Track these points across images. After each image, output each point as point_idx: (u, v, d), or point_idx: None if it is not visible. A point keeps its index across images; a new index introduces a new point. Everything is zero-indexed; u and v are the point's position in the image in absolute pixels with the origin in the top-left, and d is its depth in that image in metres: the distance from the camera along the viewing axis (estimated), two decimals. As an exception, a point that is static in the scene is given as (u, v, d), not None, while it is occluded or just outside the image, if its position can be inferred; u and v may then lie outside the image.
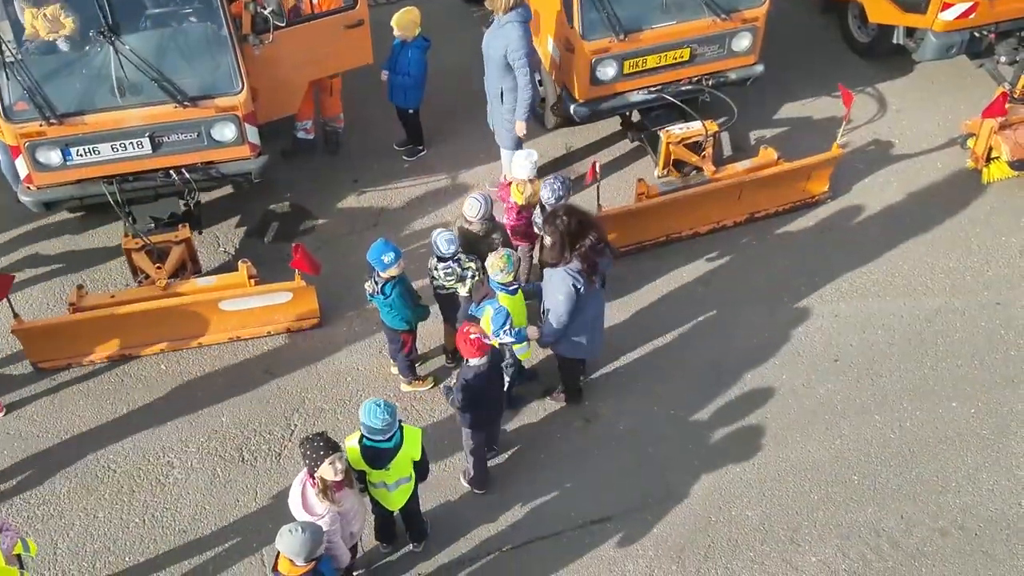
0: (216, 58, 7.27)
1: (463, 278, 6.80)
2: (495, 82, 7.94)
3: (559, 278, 6.23)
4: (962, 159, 8.88)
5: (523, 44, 7.56)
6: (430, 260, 6.84)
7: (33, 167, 7.19)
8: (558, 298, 6.25)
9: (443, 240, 6.63)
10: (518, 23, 7.57)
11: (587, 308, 6.42)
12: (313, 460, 5.20)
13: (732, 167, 8.25)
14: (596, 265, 6.23)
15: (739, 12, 8.09)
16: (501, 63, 7.72)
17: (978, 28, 8.81)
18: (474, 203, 6.85)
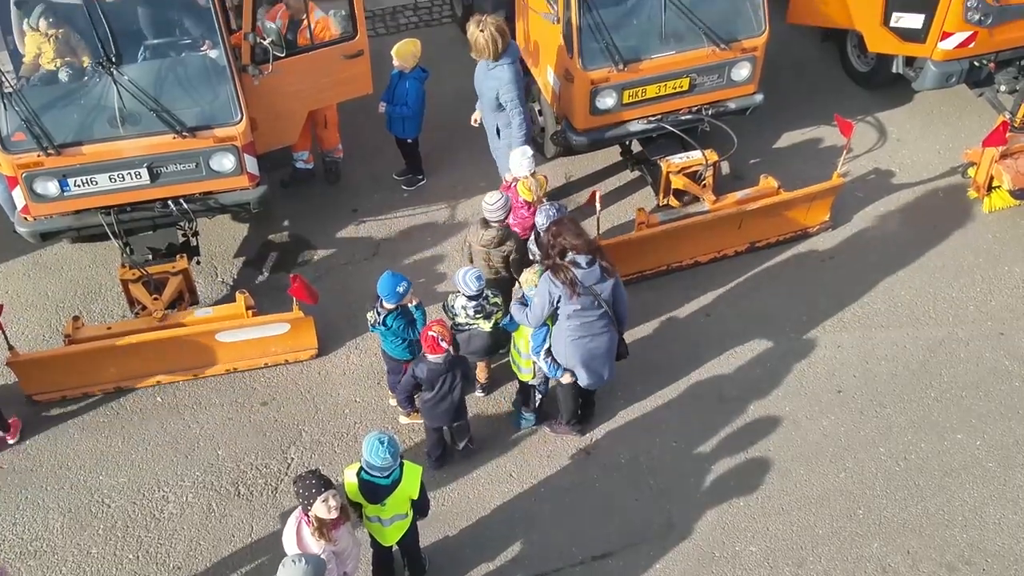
0: (215, 89, 7.25)
1: (489, 314, 6.81)
2: (490, 120, 8.02)
3: (542, 282, 6.31)
4: (963, 188, 8.86)
5: (514, 86, 7.63)
6: (451, 299, 6.82)
7: (30, 198, 7.15)
8: (535, 301, 6.36)
9: (472, 278, 6.63)
10: (507, 65, 7.62)
11: (587, 336, 6.36)
12: (306, 498, 5.12)
13: (732, 196, 8.22)
14: (574, 281, 6.17)
15: (738, 42, 8.08)
16: (494, 103, 7.79)
17: (977, 57, 8.82)
18: (496, 194, 6.96)
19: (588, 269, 6.19)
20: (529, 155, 7.45)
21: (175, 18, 7.54)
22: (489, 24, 7.50)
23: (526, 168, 7.43)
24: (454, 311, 6.84)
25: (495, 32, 7.49)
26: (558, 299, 6.23)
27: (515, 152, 7.49)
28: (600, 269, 6.23)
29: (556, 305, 6.27)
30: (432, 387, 6.39)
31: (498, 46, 7.53)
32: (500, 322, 6.88)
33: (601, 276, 6.25)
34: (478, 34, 7.53)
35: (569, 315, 6.29)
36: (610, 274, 6.30)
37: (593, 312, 6.31)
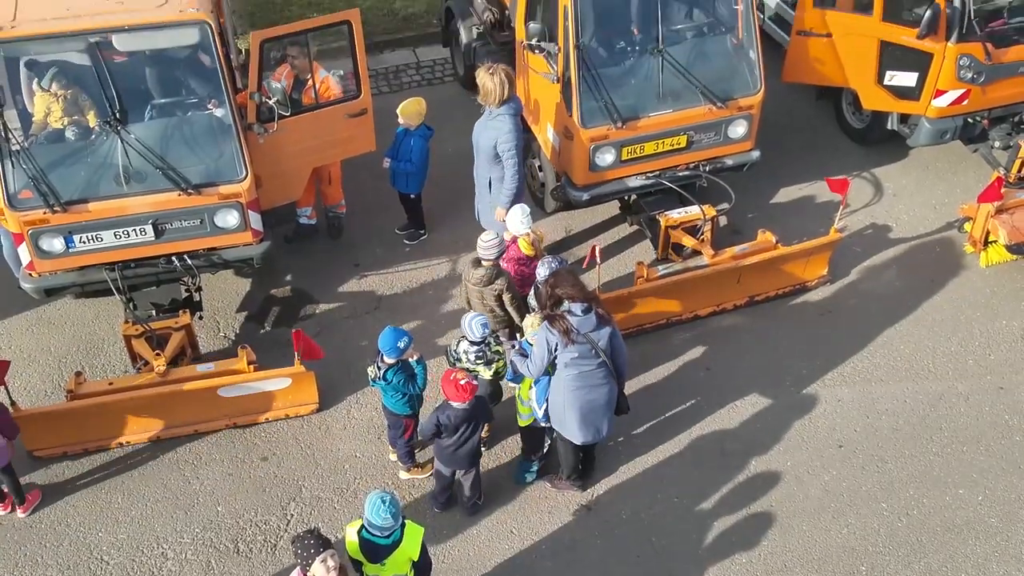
0: (220, 146, 7.36)
1: (490, 361, 6.89)
2: (484, 171, 8.10)
3: (541, 331, 6.34)
4: (960, 243, 8.94)
5: (513, 136, 7.75)
6: (454, 344, 6.93)
7: (36, 254, 7.22)
8: (535, 351, 6.39)
9: (477, 324, 6.75)
10: (509, 116, 7.75)
11: (585, 387, 6.37)
12: (305, 559, 5.10)
13: (731, 250, 8.29)
14: (570, 329, 6.20)
15: (735, 100, 8.22)
16: (491, 153, 7.88)
17: (971, 114, 8.97)
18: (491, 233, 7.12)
19: (584, 316, 6.23)
20: (527, 213, 7.54)
21: (182, 78, 7.67)
22: (500, 70, 7.69)
23: (525, 227, 7.53)
24: (456, 355, 6.93)
25: (504, 77, 7.67)
26: (555, 347, 6.27)
27: (514, 210, 7.57)
28: (596, 317, 6.27)
29: (555, 354, 6.31)
30: (455, 433, 6.42)
31: (505, 91, 7.66)
32: (500, 371, 6.93)
33: (597, 324, 6.28)
34: (487, 78, 7.68)
35: (567, 363, 6.31)
36: (606, 322, 6.34)
37: (591, 361, 6.33)
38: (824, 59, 9.09)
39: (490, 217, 8.21)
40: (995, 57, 8.53)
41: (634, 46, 8.28)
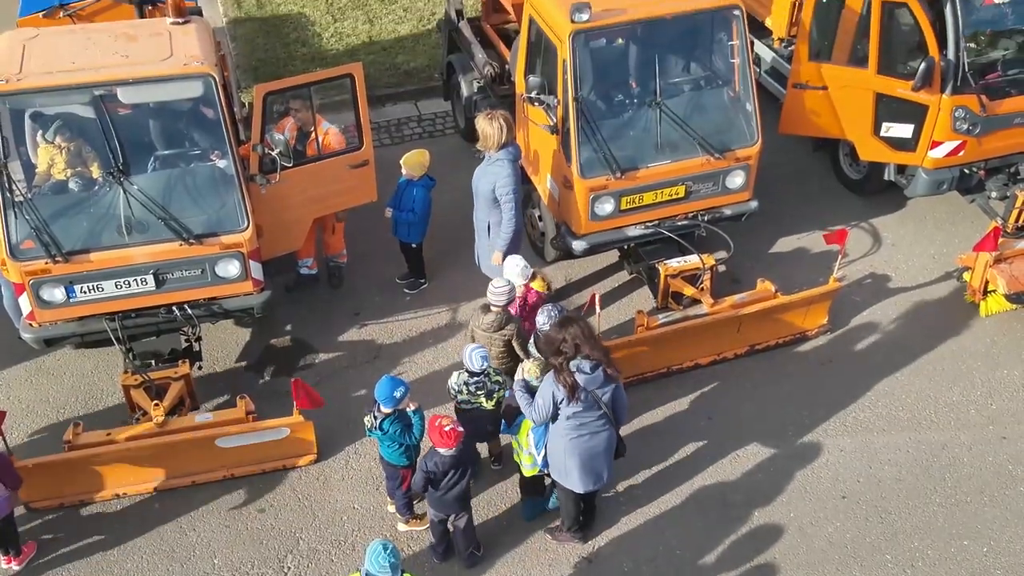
0: (223, 197, 7.40)
1: (491, 392, 6.90)
2: (483, 216, 8.17)
3: (546, 382, 6.31)
4: (959, 292, 8.96)
5: (511, 180, 7.84)
6: (453, 377, 6.95)
7: (36, 304, 7.23)
8: (538, 402, 6.35)
9: (477, 356, 6.79)
10: (507, 160, 7.85)
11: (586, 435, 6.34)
12: None
13: (730, 299, 8.31)
14: (575, 386, 6.17)
15: (732, 152, 8.30)
16: (489, 198, 7.97)
17: (967, 165, 9.04)
18: (503, 280, 7.19)
19: (592, 375, 6.21)
20: (523, 264, 7.58)
21: (185, 129, 7.74)
22: (499, 116, 7.84)
23: (524, 276, 7.56)
24: (458, 387, 6.93)
25: (503, 122, 7.81)
26: (560, 401, 6.24)
27: (510, 265, 7.58)
28: (604, 375, 6.25)
29: (558, 407, 6.29)
30: (443, 478, 6.41)
31: (503, 136, 7.79)
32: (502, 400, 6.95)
33: (604, 382, 6.27)
34: (486, 123, 7.83)
35: (568, 416, 6.29)
36: (613, 380, 6.32)
37: (592, 413, 6.32)
38: (820, 111, 9.19)
39: (489, 261, 8.26)
40: (990, 109, 8.62)
41: (632, 98, 8.38)
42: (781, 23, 10.30)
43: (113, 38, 7.43)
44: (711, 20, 8.35)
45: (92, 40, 7.41)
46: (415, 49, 12.39)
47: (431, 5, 13.12)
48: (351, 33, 12.67)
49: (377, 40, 12.54)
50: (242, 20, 12.99)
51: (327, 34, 12.64)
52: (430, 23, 12.72)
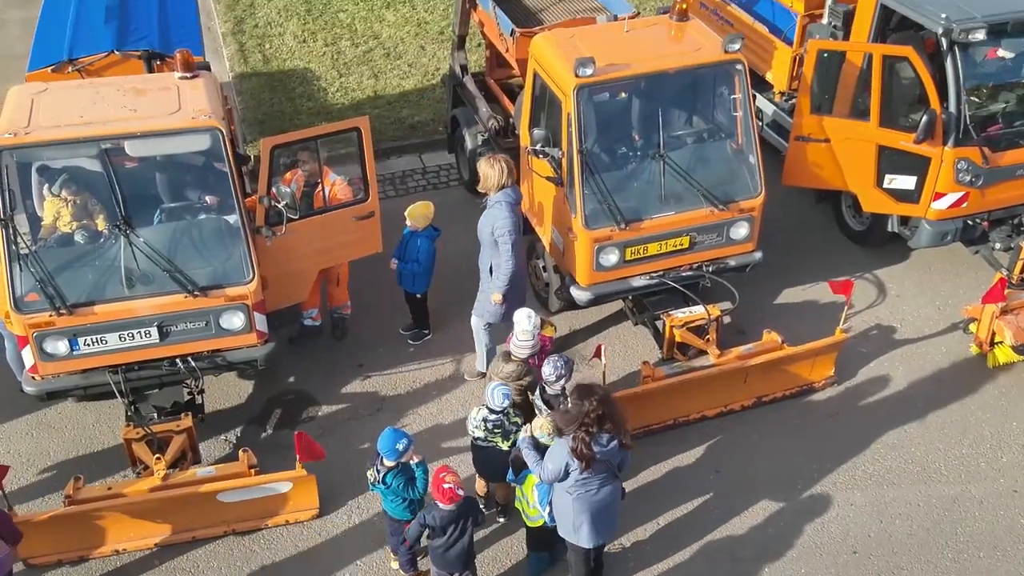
0: (228, 249, 7.41)
1: (508, 433, 6.85)
2: (486, 259, 8.22)
3: (559, 447, 6.21)
4: (966, 344, 8.91)
5: (508, 222, 7.87)
6: (473, 412, 6.92)
7: (40, 357, 7.19)
8: (548, 466, 6.27)
9: (499, 394, 6.77)
10: (505, 203, 7.90)
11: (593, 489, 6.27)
12: None
13: (736, 351, 8.27)
14: (590, 454, 6.10)
15: (736, 203, 8.33)
16: (490, 240, 8.02)
17: (971, 216, 9.06)
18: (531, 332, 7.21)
19: (608, 448, 6.16)
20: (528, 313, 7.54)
21: (192, 182, 7.79)
22: (500, 159, 7.95)
23: (535, 326, 7.53)
24: (475, 424, 6.89)
25: (504, 165, 7.90)
26: (573, 468, 6.17)
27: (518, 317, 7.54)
28: (619, 445, 6.21)
29: (569, 472, 6.22)
30: (443, 534, 6.32)
31: (503, 177, 7.87)
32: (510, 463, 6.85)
33: (618, 451, 6.24)
34: (487, 165, 7.94)
35: (577, 479, 6.23)
36: (627, 448, 6.29)
37: (601, 474, 6.27)
38: (823, 163, 9.24)
39: (484, 303, 8.27)
40: (992, 161, 8.67)
41: (636, 151, 8.44)
42: (782, 77, 10.43)
43: (121, 92, 7.50)
44: (713, 74, 8.44)
45: (100, 94, 7.48)
46: (420, 103, 12.52)
47: (435, 60, 13.29)
48: (356, 88, 12.81)
49: (382, 95, 12.68)
50: (248, 75, 13.14)
51: (333, 88, 12.78)
52: (434, 78, 12.87)
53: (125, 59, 8.62)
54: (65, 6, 9.60)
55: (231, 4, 14.84)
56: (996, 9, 8.66)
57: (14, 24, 14.26)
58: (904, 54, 8.52)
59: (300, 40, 13.84)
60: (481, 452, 7.02)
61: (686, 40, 8.47)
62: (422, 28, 14.11)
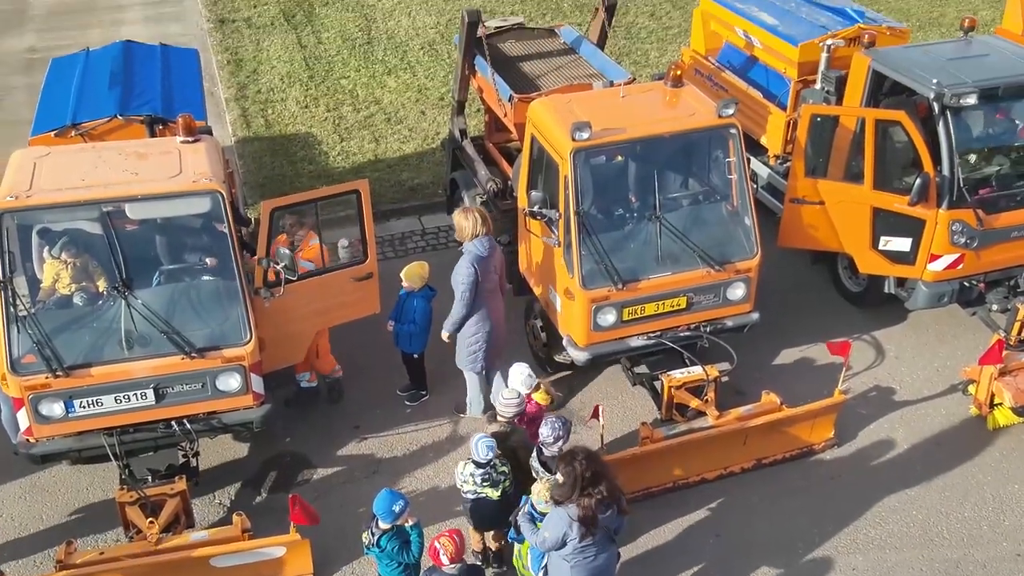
0: (226, 311, 7.43)
1: (496, 483, 6.84)
2: None
3: (557, 516, 6.14)
4: (965, 405, 8.87)
5: (463, 269, 8.15)
6: (459, 467, 6.93)
7: (35, 419, 7.16)
8: (544, 535, 6.20)
9: (483, 446, 6.77)
10: (471, 254, 8.17)
11: (591, 556, 6.18)
12: None
13: (735, 412, 8.23)
14: (595, 520, 6.06)
15: (732, 264, 8.37)
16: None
17: (967, 278, 9.09)
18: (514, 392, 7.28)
19: (606, 515, 6.12)
20: (528, 372, 7.66)
21: (191, 244, 7.84)
22: (474, 210, 8.33)
23: (528, 385, 7.60)
24: (463, 478, 6.86)
25: (476, 215, 8.23)
26: (572, 538, 6.11)
27: (514, 370, 7.67)
28: (617, 511, 6.18)
29: (567, 541, 6.16)
30: None
31: (475, 228, 8.16)
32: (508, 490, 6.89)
33: (616, 517, 6.20)
34: (461, 216, 8.27)
35: (576, 548, 6.16)
36: (625, 514, 6.25)
37: (598, 540, 6.20)
38: (818, 225, 9.30)
39: (464, 353, 8.48)
40: (987, 223, 8.73)
41: (632, 212, 8.52)
42: (776, 140, 10.57)
43: (123, 156, 7.60)
44: (708, 138, 8.56)
45: (102, 158, 7.58)
46: (420, 166, 12.67)
47: (435, 125, 13.49)
48: (357, 151, 12.97)
49: (383, 158, 12.84)
50: (251, 139, 13.33)
51: (334, 152, 12.95)
52: (434, 142, 13.05)
53: (128, 123, 8.75)
54: (70, 72, 9.81)
55: (235, 70, 15.13)
56: (986, 74, 8.82)
57: (20, 90, 14.51)
58: (897, 118, 8.64)
59: (302, 105, 14.07)
60: (472, 503, 7.01)
61: (681, 105, 8.61)
62: (423, 94, 14.35)
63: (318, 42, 16.02)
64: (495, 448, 6.85)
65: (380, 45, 15.89)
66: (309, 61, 15.35)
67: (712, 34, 11.78)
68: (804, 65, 10.20)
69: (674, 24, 16.63)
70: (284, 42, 16.00)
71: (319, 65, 15.23)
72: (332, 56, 15.53)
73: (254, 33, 16.38)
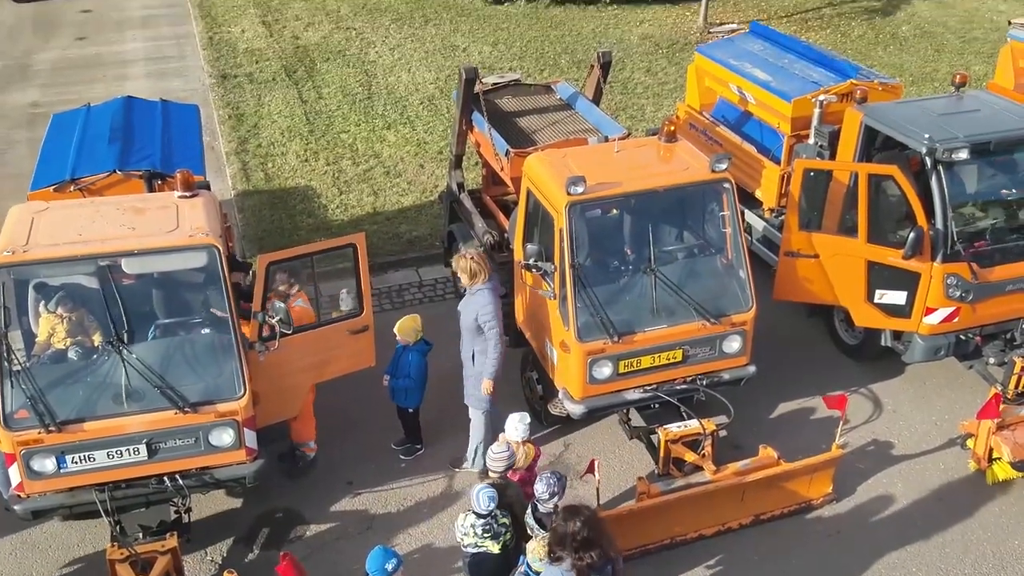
0: (221, 365, 7.41)
1: (497, 535, 6.75)
2: (468, 346, 8.37)
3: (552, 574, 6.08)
4: (964, 459, 8.80)
5: (492, 308, 8.14)
6: (459, 520, 6.83)
7: (26, 475, 7.10)
8: None
9: (485, 496, 6.69)
10: (487, 290, 8.19)
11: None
12: None
13: (733, 466, 8.16)
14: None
15: (727, 317, 8.36)
16: (473, 327, 8.21)
17: (963, 331, 9.08)
18: (502, 445, 7.20)
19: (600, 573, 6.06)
20: (527, 422, 7.64)
21: (187, 298, 7.85)
22: (469, 255, 8.32)
23: (520, 434, 7.59)
24: (463, 531, 6.77)
25: (477, 259, 8.25)
26: None
27: (513, 417, 7.67)
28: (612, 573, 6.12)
29: None
30: None
31: (479, 270, 8.19)
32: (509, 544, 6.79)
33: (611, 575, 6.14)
34: (463, 261, 8.28)
35: None
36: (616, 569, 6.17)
37: None
38: (813, 278, 9.32)
39: (476, 391, 8.39)
40: (981, 276, 8.75)
41: (628, 265, 8.54)
42: (770, 194, 10.64)
43: (121, 211, 7.65)
44: (702, 192, 8.62)
45: (100, 213, 7.63)
46: (418, 219, 12.75)
47: (434, 178, 13.60)
48: (356, 204, 13.07)
49: (381, 211, 12.92)
50: (250, 192, 13.42)
51: (333, 205, 13.03)
52: (432, 195, 13.15)
53: (127, 178, 8.82)
54: (71, 127, 9.92)
55: (236, 125, 15.30)
56: (978, 129, 8.90)
57: (22, 144, 14.68)
58: (889, 173, 8.71)
59: (302, 159, 14.20)
60: (471, 559, 6.89)
61: (675, 160, 8.69)
62: (421, 148, 14.50)
63: (319, 97, 16.24)
64: (496, 498, 6.77)
65: (380, 100, 16.10)
66: (310, 115, 15.54)
67: (707, 90, 11.93)
68: (797, 120, 10.31)
69: (669, 79, 16.86)
70: (285, 97, 16.22)
71: (320, 119, 15.41)
72: (333, 111, 15.73)
73: (256, 88, 16.61)
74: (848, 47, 18.22)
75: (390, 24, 19.54)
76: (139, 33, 19.82)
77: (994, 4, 21.13)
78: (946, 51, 18.39)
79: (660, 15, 20.23)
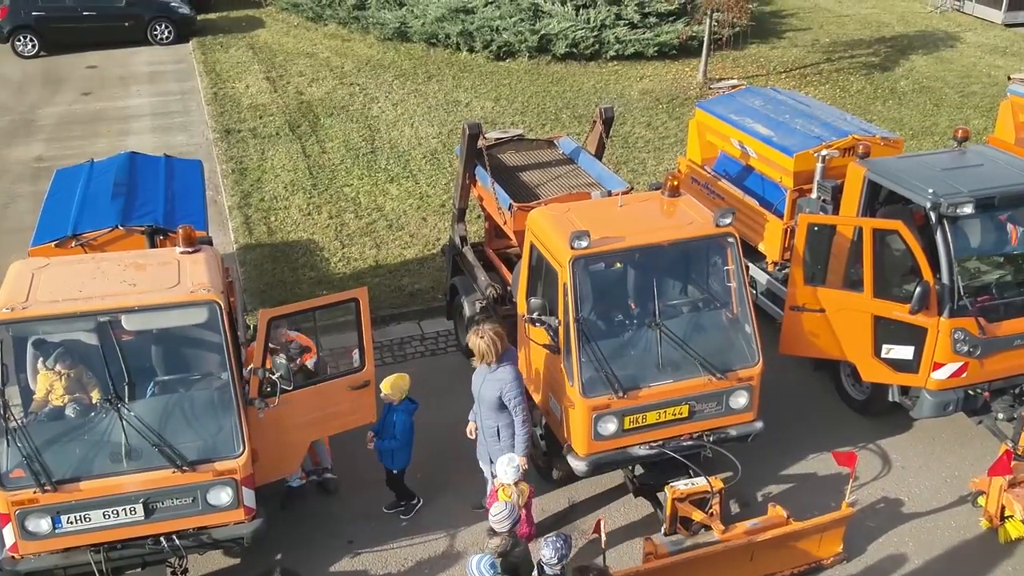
0: (220, 422, 7.33)
1: None
2: (491, 421, 8.15)
3: None
4: (975, 517, 8.64)
5: (516, 385, 7.95)
6: None
7: (21, 535, 6.98)
8: None
9: (486, 565, 6.53)
10: (509, 365, 7.99)
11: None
12: None
13: (741, 526, 8.01)
14: None
15: (734, 372, 8.27)
16: (495, 404, 8.01)
17: (972, 386, 8.97)
18: (501, 504, 6.96)
19: None
20: (516, 464, 7.59)
21: (186, 355, 7.78)
22: (487, 331, 7.96)
23: (511, 477, 7.54)
24: None
25: (494, 336, 7.94)
26: None
27: (502, 459, 7.61)
28: None
29: None
30: None
31: (498, 348, 7.93)
32: None
33: None
34: (478, 341, 7.96)
35: None
36: None
37: None
38: (819, 333, 9.25)
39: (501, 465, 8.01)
40: (989, 331, 8.68)
41: (632, 319, 8.48)
42: (774, 248, 10.62)
43: (122, 267, 7.62)
44: (706, 247, 8.58)
45: (101, 269, 7.59)
46: (420, 272, 12.72)
47: (436, 231, 13.61)
48: (358, 258, 13.05)
49: (384, 264, 12.90)
50: (253, 246, 13.42)
51: (335, 259, 13.02)
52: (435, 248, 13.14)
53: (129, 234, 8.79)
54: (73, 182, 9.94)
55: (239, 179, 15.36)
56: (982, 183, 8.89)
57: (26, 198, 14.72)
58: (894, 227, 8.69)
59: (305, 213, 14.23)
60: None
61: (678, 214, 8.67)
62: (424, 201, 14.54)
63: (322, 151, 16.34)
64: (497, 566, 6.60)
65: (383, 154, 16.19)
66: (313, 170, 15.62)
67: (708, 144, 11.99)
68: (800, 174, 10.34)
69: (670, 134, 16.97)
70: (288, 151, 16.32)
71: (323, 173, 15.48)
72: (336, 165, 15.81)
73: (259, 143, 16.72)
74: (848, 102, 18.38)
75: (393, 80, 19.74)
76: (144, 88, 20.02)
77: (991, 59, 21.37)
78: (945, 105, 18.54)
79: (660, 71, 20.45)
